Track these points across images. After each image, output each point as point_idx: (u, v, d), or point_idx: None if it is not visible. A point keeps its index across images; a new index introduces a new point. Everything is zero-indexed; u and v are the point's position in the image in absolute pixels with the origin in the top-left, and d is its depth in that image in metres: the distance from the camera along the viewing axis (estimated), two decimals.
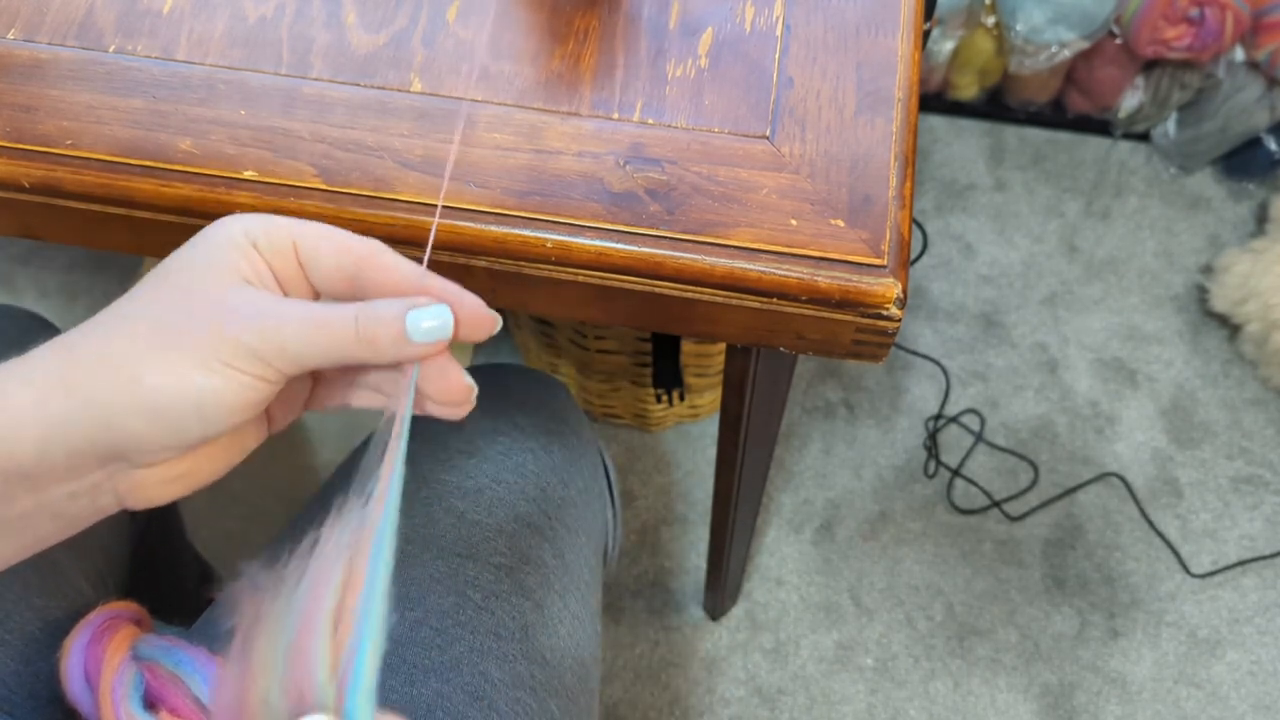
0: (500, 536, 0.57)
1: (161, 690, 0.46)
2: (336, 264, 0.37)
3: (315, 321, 0.35)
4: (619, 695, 1.12)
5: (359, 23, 0.49)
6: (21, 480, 0.35)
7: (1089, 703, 1.13)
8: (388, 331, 0.36)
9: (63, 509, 0.37)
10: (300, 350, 0.35)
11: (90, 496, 0.37)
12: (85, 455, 0.35)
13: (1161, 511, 1.23)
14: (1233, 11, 1.21)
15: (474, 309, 0.37)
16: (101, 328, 0.36)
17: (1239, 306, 1.28)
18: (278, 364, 0.35)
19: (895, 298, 0.44)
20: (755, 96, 0.48)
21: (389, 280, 0.37)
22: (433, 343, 0.36)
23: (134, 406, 0.35)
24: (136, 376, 0.34)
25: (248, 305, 0.35)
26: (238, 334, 0.35)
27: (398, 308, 0.36)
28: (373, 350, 0.36)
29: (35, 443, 0.35)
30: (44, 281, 1.32)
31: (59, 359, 0.35)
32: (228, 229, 0.37)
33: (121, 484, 0.37)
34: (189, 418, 0.35)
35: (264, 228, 0.37)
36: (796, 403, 1.28)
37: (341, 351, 0.36)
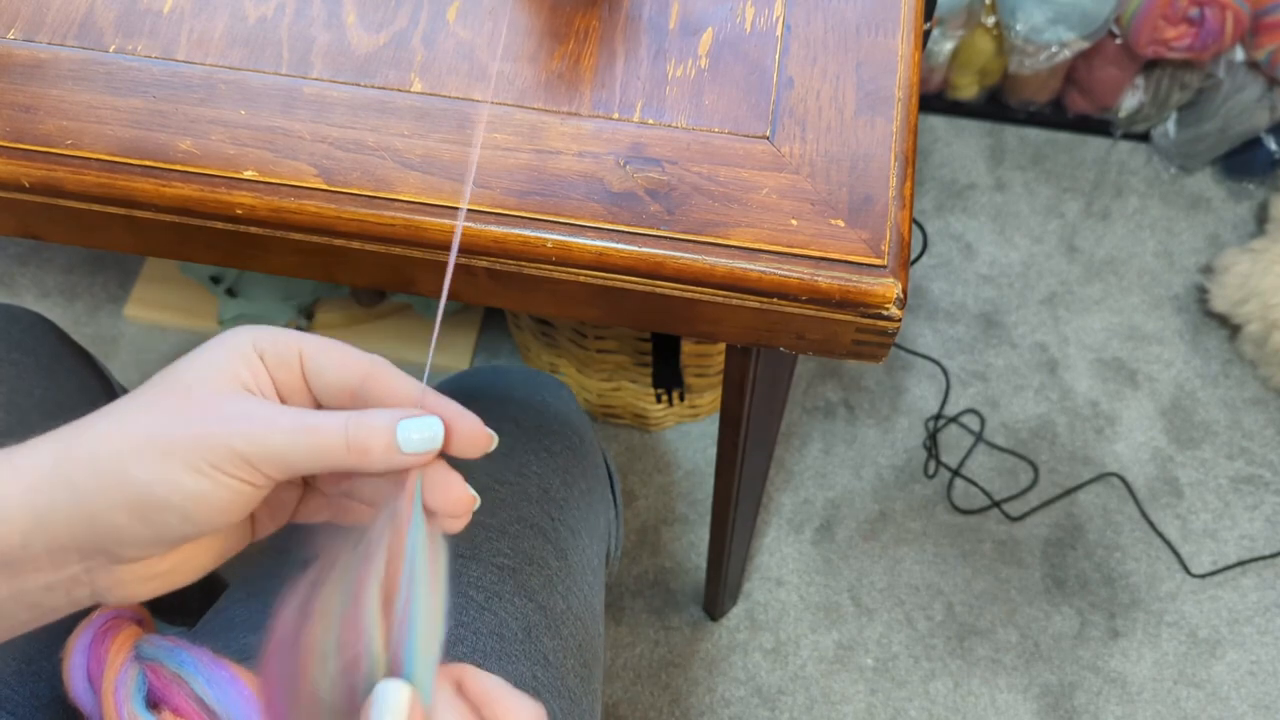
0: (503, 537, 0.57)
1: (164, 691, 0.46)
2: (339, 377, 0.38)
3: (305, 428, 0.36)
4: (619, 695, 1.12)
5: (359, 23, 0.49)
6: (2, 569, 0.36)
7: (1089, 703, 1.13)
8: (378, 440, 0.36)
9: (39, 600, 0.38)
10: (288, 455, 0.36)
11: (67, 589, 0.38)
12: (67, 548, 0.36)
13: (1161, 511, 1.23)
14: (1233, 11, 1.21)
15: (469, 426, 0.38)
16: (97, 425, 0.37)
17: (1239, 306, 1.28)
18: (265, 469, 0.36)
19: (895, 298, 0.44)
20: (755, 96, 0.48)
21: (390, 396, 0.38)
22: (421, 453, 0.37)
23: (121, 503, 0.35)
24: (125, 473, 0.35)
25: (240, 411, 0.36)
26: (226, 438, 0.35)
27: (388, 418, 0.37)
28: (362, 458, 0.36)
29: (20, 533, 0.35)
30: (44, 281, 1.32)
31: (52, 453, 0.36)
32: (236, 338, 0.38)
33: (100, 579, 0.38)
34: (174, 517, 0.36)
35: (271, 339, 0.38)
36: (796, 403, 1.28)
37: (330, 458, 0.36)
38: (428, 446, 0.37)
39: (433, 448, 0.37)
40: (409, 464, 0.37)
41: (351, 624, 0.33)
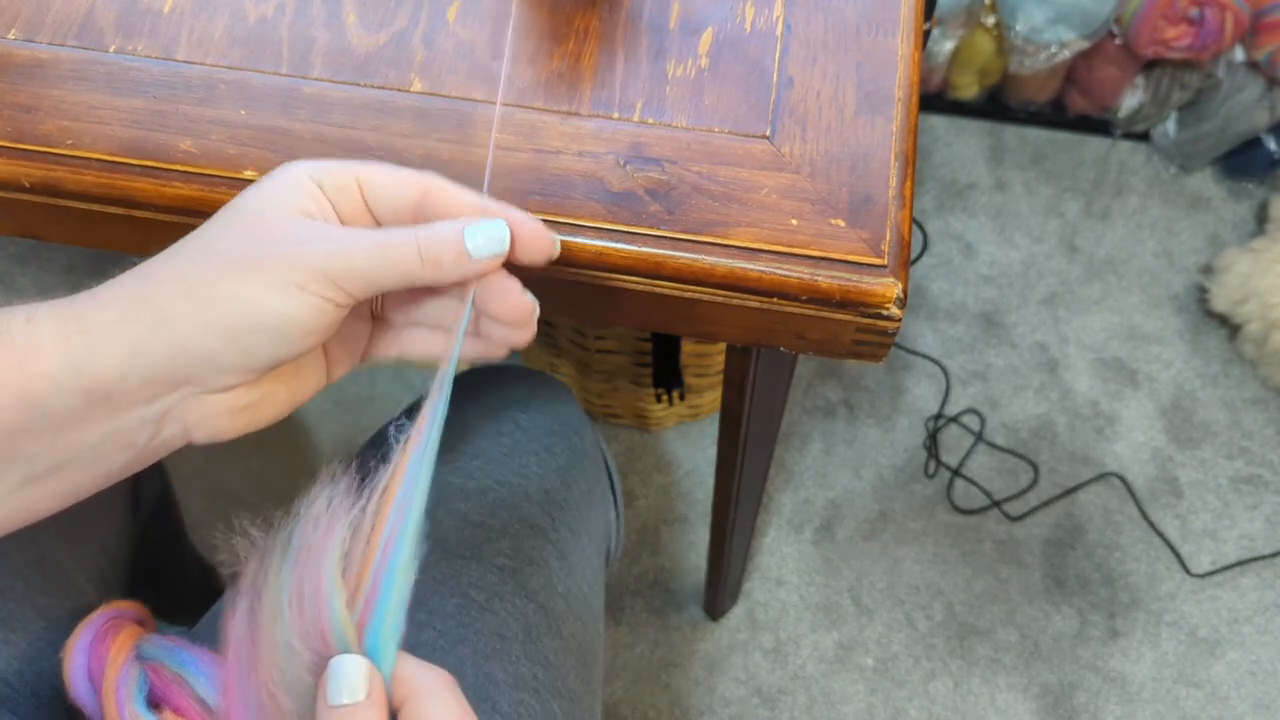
0: (503, 538, 0.57)
1: (165, 690, 0.46)
2: (399, 199, 0.39)
3: (380, 244, 0.37)
4: (619, 695, 1.12)
5: (359, 23, 0.49)
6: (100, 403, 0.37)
7: (1089, 702, 1.13)
8: (448, 249, 0.37)
9: (133, 438, 0.38)
10: (367, 272, 0.37)
11: (159, 424, 0.39)
12: (161, 378, 0.37)
13: (1161, 511, 1.23)
14: (1233, 11, 1.21)
15: (531, 227, 0.39)
16: (177, 256, 0.38)
17: (1239, 306, 1.28)
18: (347, 286, 0.37)
19: (895, 297, 0.44)
20: (755, 96, 0.48)
21: (449, 208, 0.39)
22: (491, 256, 0.38)
23: (211, 325, 0.36)
24: (213, 297, 0.36)
25: (316, 233, 0.37)
26: (309, 258, 0.36)
27: (456, 226, 0.38)
28: (436, 269, 0.38)
29: (117, 363, 0.36)
30: (44, 281, 1.32)
31: (137, 285, 0.37)
32: (292, 171, 0.39)
33: (191, 413, 0.39)
34: (263, 337, 0.37)
35: (326, 169, 0.39)
36: (796, 403, 1.28)
37: (407, 272, 0.37)
38: (495, 250, 0.38)
39: (500, 250, 0.38)
40: (479, 270, 0.38)
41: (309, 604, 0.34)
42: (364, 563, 0.35)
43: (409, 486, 0.36)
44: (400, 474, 0.36)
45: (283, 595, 0.34)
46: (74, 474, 0.39)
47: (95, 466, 0.39)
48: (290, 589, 0.34)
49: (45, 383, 0.36)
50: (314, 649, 0.33)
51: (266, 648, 0.34)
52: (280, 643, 0.34)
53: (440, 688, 0.34)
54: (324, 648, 0.33)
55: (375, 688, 0.33)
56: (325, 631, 0.33)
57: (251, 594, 0.35)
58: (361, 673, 0.33)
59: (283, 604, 0.34)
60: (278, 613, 0.34)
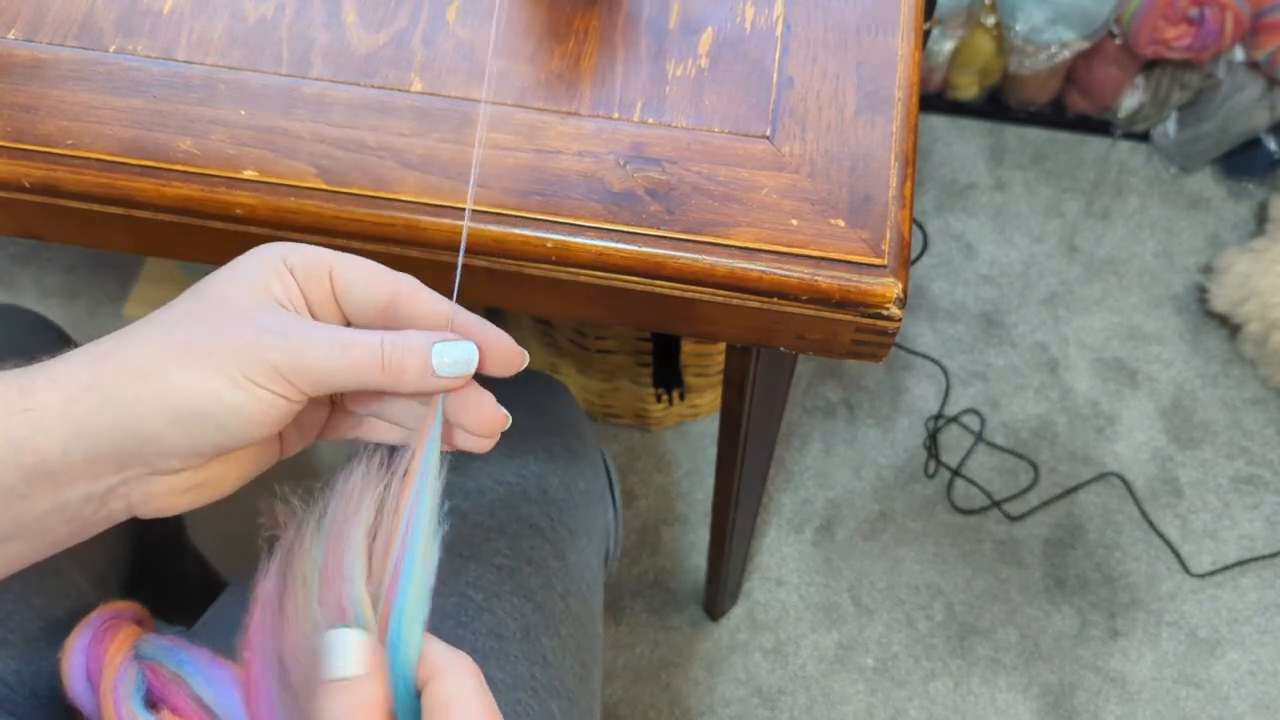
0: (502, 537, 0.57)
1: (163, 690, 0.46)
2: (370, 295, 0.38)
3: (341, 345, 0.36)
4: (619, 695, 1.12)
5: (359, 23, 0.49)
6: (42, 480, 0.36)
7: (1089, 702, 1.13)
8: (413, 362, 0.37)
9: (76, 513, 0.38)
10: (324, 371, 0.36)
11: (103, 501, 0.38)
12: (106, 458, 0.36)
13: (1161, 511, 1.23)
14: (1233, 11, 1.21)
15: (502, 346, 0.39)
16: (133, 337, 0.37)
17: (1239, 306, 1.28)
18: (300, 384, 0.36)
19: (895, 297, 0.44)
20: (755, 96, 0.48)
21: (420, 315, 0.38)
22: (456, 376, 0.38)
23: (159, 412, 0.36)
24: (164, 383, 0.36)
25: (277, 324, 0.36)
26: (264, 351, 0.36)
27: (424, 339, 0.37)
28: (397, 379, 0.37)
29: (60, 443, 0.36)
30: (44, 281, 1.32)
31: (89, 363, 0.36)
32: (266, 253, 0.38)
33: (135, 491, 0.38)
34: (210, 427, 0.36)
35: (301, 255, 0.38)
36: (796, 403, 1.28)
37: (365, 377, 0.37)
38: (462, 370, 0.38)
39: (466, 372, 0.38)
40: (442, 387, 0.38)
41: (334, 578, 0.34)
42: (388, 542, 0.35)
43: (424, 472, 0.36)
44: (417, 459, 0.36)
45: (312, 565, 0.34)
46: (16, 545, 0.38)
47: (38, 539, 0.38)
48: (319, 561, 0.34)
49: None
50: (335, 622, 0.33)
51: (292, 612, 0.34)
52: (306, 610, 0.34)
53: (464, 671, 0.34)
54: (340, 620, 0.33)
55: (374, 663, 0.33)
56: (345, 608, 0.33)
57: (285, 558, 0.35)
58: (357, 646, 0.32)
59: (311, 574, 0.34)
60: (306, 581, 0.34)
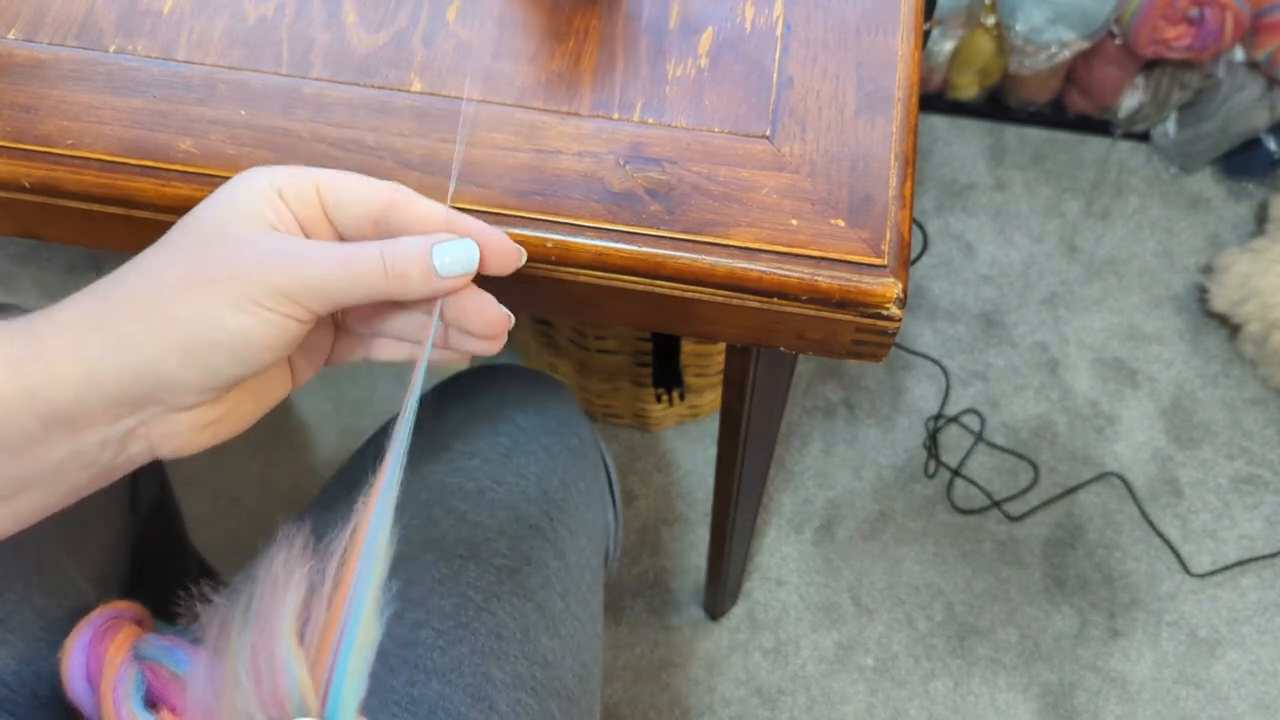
0: (501, 538, 0.57)
1: (163, 690, 0.46)
2: (362, 208, 0.38)
3: (343, 260, 0.36)
4: (619, 695, 1.12)
5: (359, 23, 0.49)
6: (59, 425, 0.36)
7: (1089, 702, 1.13)
8: (415, 267, 0.37)
9: (96, 457, 0.38)
10: (329, 288, 0.36)
11: (122, 444, 0.38)
12: (121, 399, 0.36)
13: (1161, 511, 1.23)
14: (1233, 11, 1.21)
15: (498, 241, 0.39)
16: (133, 274, 0.37)
17: (1239, 306, 1.28)
18: (307, 302, 0.36)
19: (895, 297, 0.44)
20: (755, 96, 0.48)
21: (415, 221, 0.38)
22: (458, 274, 0.38)
23: (169, 347, 0.35)
24: (170, 317, 0.35)
25: (276, 247, 0.36)
26: (267, 274, 0.35)
27: (423, 243, 0.37)
28: (401, 285, 0.37)
29: (73, 387, 0.35)
30: (44, 281, 1.32)
31: (93, 305, 0.36)
32: (252, 180, 0.38)
33: (154, 430, 0.38)
34: (222, 357, 0.36)
35: (288, 177, 0.38)
36: (796, 403, 1.28)
37: (371, 287, 0.37)
38: (463, 269, 0.38)
39: (469, 269, 0.38)
40: (447, 288, 0.38)
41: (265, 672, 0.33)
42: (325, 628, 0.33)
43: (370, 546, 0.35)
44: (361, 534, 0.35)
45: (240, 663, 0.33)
46: (35, 494, 0.38)
47: (57, 486, 0.38)
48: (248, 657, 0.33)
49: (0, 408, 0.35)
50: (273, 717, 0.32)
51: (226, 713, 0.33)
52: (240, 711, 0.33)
53: None
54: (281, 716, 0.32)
55: None
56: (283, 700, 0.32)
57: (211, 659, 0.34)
58: None
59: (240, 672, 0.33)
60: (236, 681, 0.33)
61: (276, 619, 0.33)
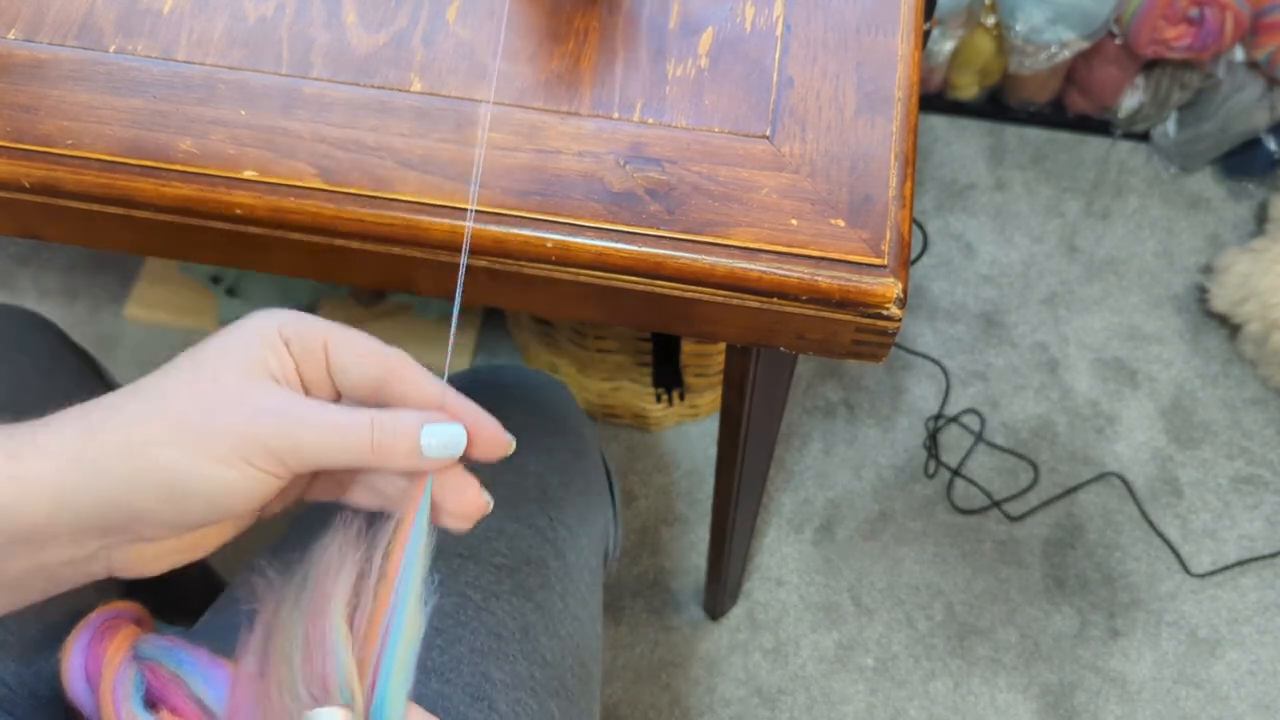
0: (501, 537, 0.57)
1: (163, 690, 0.46)
2: (363, 373, 0.39)
3: (332, 426, 0.37)
4: (619, 695, 1.12)
5: (359, 23, 0.49)
6: (24, 544, 0.36)
7: (1089, 702, 1.13)
8: (402, 444, 0.37)
9: (55, 573, 0.38)
10: (315, 453, 0.37)
11: (85, 564, 0.38)
12: (90, 528, 0.37)
13: (1161, 511, 1.23)
14: (1233, 11, 1.21)
15: (489, 431, 0.39)
16: (128, 408, 0.37)
17: (1239, 306, 1.28)
18: (290, 463, 0.37)
19: (895, 297, 0.44)
20: (755, 96, 0.48)
21: (411, 393, 0.38)
22: (443, 459, 0.38)
23: (149, 487, 0.36)
24: (155, 460, 0.36)
25: (270, 405, 0.37)
26: (257, 431, 0.36)
27: (413, 421, 0.37)
28: (386, 459, 0.37)
29: (45, 513, 0.36)
30: (44, 281, 1.32)
31: (79, 434, 0.36)
32: (263, 323, 0.38)
33: (117, 556, 0.39)
34: (199, 504, 0.36)
35: (296, 327, 0.38)
36: (796, 403, 1.28)
37: (355, 457, 0.37)
38: (449, 453, 0.38)
39: (454, 454, 0.38)
40: (429, 468, 0.38)
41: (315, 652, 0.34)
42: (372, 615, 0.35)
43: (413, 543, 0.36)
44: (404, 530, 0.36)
45: (293, 641, 0.34)
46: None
47: (14, 594, 0.38)
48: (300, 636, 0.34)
49: None
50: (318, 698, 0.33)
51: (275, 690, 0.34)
52: (287, 687, 0.34)
53: None
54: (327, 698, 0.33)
55: None
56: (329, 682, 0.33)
57: (264, 634, 0.35)
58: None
59: (293, 650, 0.34)
60: (287, 658, 0.34)
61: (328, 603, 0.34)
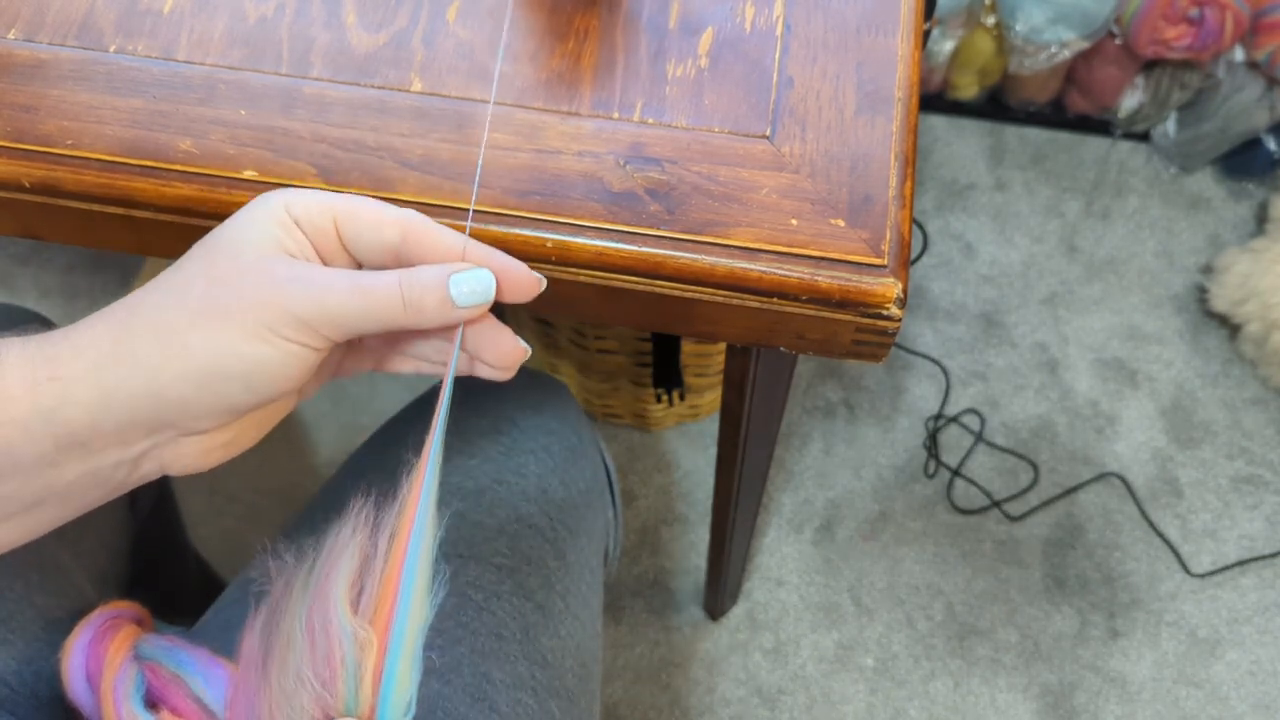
0: (501, 537, 0.57)
1: (163, 690, 0.46)
2: (379, 238, 0.38)
3: (360, 290, 0.36)
4: (619, 695, 1.12)
5: (359, 22, 0.49)
6: (74, 448, 0.36)
7: (1089, 703, 1.13)
8: (432, 297, 0.37)
9: (109, 476, 0.38)
10: (347, 317, 0.36)
11: (134, 464, 0.38)
12: (136, 424, 0.36)
13: (1161, 511, 1.23)
14: (1233, 11, 1.21)
15: (515, 271, 0.39)
16: (151, 299, 0.37)
17: (1239, 306, 1.28)
18: (325, 331, 0.36)
19: (895, 297, 0.44)
20: (755, 96, 0.48)
21: (431, 250, 0.38)
22: (476, 305, 0.38)
23: (184, 375, 0.35)
24: (187, 346, 0.35)
25: (293, 275, 0.36)
26: (285, 303, 0.35)
27: (440, 273, 0.37)
28: (418, 316, 0.37)
29: (89, 412, 0.35)
30: (44, 281, 1.32)
31: (110, 330, 0.36)
32: (269, 205, 0.38)
33: (166, 452, 0.38)
34: (237, 385, 0.36)
35: (304, 204, 0.38)
36: (796, 403, 1.28)
37: (388, 318, 0.37)
38: (481, 299, 0.38)
39: (486, 300, 0.38)
40: (464, 318, 0.38)
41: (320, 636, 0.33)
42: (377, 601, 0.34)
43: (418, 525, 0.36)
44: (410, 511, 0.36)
45: (298, 624, 0.34)
46: (48, 511, 0.38)
47: (69, 503, 0.38)
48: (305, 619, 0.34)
49: (15, 430, 0.35)
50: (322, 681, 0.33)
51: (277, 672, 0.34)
52: (290, 670, 0.33)
53: None
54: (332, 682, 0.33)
55: None
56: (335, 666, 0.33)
57: (271, 614, 0.35)
58: None
59: (298, 632, 0.34)
60: (292, 640, 0.34)
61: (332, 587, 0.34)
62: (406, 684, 0.34)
